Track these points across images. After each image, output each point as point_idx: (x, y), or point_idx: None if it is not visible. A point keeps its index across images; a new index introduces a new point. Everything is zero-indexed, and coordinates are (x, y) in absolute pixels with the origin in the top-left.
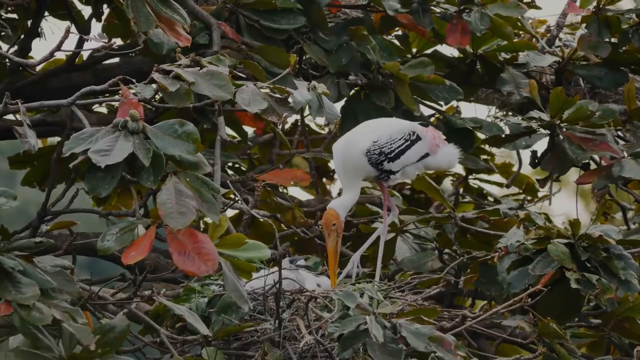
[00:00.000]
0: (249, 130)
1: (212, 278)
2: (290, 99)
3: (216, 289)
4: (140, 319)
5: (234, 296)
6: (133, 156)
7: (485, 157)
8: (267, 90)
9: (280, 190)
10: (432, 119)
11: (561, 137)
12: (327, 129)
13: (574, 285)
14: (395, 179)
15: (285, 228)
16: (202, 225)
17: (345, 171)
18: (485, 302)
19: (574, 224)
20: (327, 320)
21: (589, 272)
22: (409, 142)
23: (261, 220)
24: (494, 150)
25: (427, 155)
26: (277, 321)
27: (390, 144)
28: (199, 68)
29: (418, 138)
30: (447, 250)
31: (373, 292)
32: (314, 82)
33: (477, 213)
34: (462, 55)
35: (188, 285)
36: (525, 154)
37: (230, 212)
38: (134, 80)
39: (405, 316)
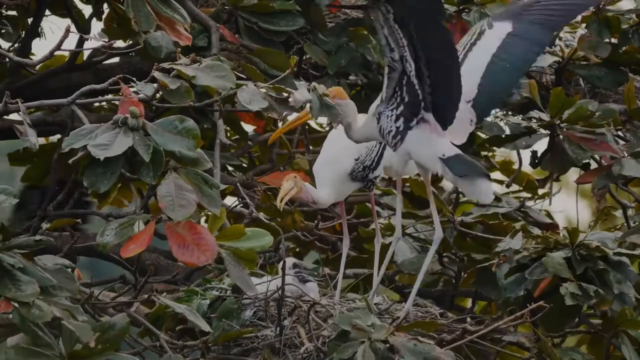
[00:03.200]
0: (249, 129)
1: (212, 283)
2: (290, 99)
3: (217, 294)
4: (140, 323)
5: (240, 284)
6: (133, 152)
7: (485, 153)
8: (267, 91)
9: None
10: None
11: (561, 137)
12: (328, 128)
13: (568, 303)
14: (377, 181)
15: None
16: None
17: (332, 187)
18: (485, 302)
19: (572, 232)
20: (325, 328)
21: (587, 281)
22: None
23: (262, 219)
24: (494, 148)
25: None
26: (278, 328)
27: (370, 155)
28: (199, 64)
29: None
30: (446, 253)
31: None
32: (314, 83)
33: (476, 217)
34: None
35: (189, 288)
36: (526, 154)
37: None
38: (134, 79)
39: (405, 330)
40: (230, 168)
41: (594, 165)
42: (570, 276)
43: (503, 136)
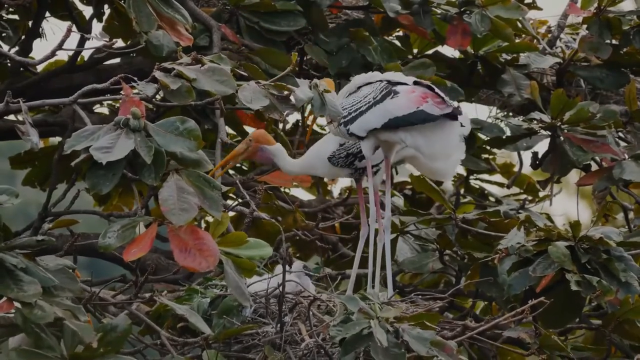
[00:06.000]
0: (250, 130)
1: (213, 281)
2: (292, 97)
3: (218, 292)
4: (141, 321)
5: (235, 293)
6: (134, 154)
7: (486, 156)
8: (268, 89)
9: (282, 189)
10: None
11: (562, 138)
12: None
13: (574, 288)
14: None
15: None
16: (202, 225)
17: (303, 161)
18: (486, 302)
19: (575, 225)
20: (327, 324)
21: (590, 274)
22: None
23: (263, 220)
24: (495, 149)
25: None
26: (278, 324)
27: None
28: (200, 65)
29: None
30: (447, 251)
31: (375, 297)
32: (315, 80)
33: (478, 214)
34: (463, 57)
35: (190, 287)
36: (527, 155)
37: (230, 214)
38: (135, 79)
39: (408, 321)
40: (231, 172)
41: (594, 167)
42: (573, 268)
43: (504, 137)
